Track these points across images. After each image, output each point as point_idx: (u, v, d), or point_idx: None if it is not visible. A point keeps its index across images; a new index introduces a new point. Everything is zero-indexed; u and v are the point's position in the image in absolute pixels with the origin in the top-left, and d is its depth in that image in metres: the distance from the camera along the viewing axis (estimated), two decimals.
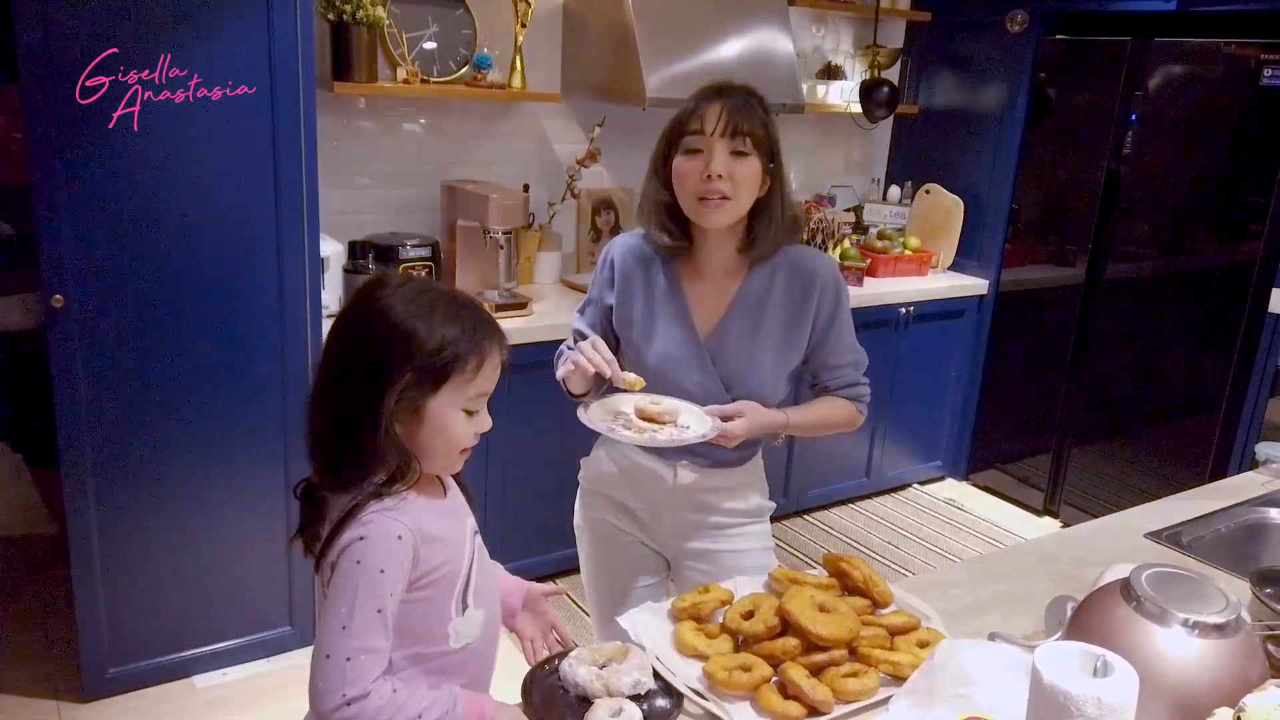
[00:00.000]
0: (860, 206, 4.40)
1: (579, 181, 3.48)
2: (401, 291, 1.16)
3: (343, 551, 1.12)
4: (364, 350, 1.14)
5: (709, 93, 1.64)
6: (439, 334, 1.14)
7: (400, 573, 1.14)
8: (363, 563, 1.11)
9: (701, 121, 1.61)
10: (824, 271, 1.73)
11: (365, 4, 2.85)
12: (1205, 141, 3.48)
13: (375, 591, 1.11)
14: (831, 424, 1.80)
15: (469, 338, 1.16)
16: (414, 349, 1.12)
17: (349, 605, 1.10)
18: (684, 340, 1.72)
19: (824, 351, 1.76)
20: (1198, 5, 3.39)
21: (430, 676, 1.22)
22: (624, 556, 1.86)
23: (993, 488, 4.30)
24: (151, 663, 2.62)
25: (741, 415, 1.64)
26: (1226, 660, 1.12)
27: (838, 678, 1.26)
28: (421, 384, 1.14)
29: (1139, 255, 3.73)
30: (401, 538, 1.14)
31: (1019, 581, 1.64)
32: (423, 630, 1.21)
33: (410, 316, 1.14)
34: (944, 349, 4.15)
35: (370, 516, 1.13)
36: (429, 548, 1.17)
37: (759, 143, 1.62)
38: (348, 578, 1.11)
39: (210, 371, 2.51)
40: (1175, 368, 3.64)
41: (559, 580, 3.29)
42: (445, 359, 1.14)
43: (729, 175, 1.61)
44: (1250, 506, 1.94)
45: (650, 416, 1.63)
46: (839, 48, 4.26)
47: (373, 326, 1.14)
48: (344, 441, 1.15)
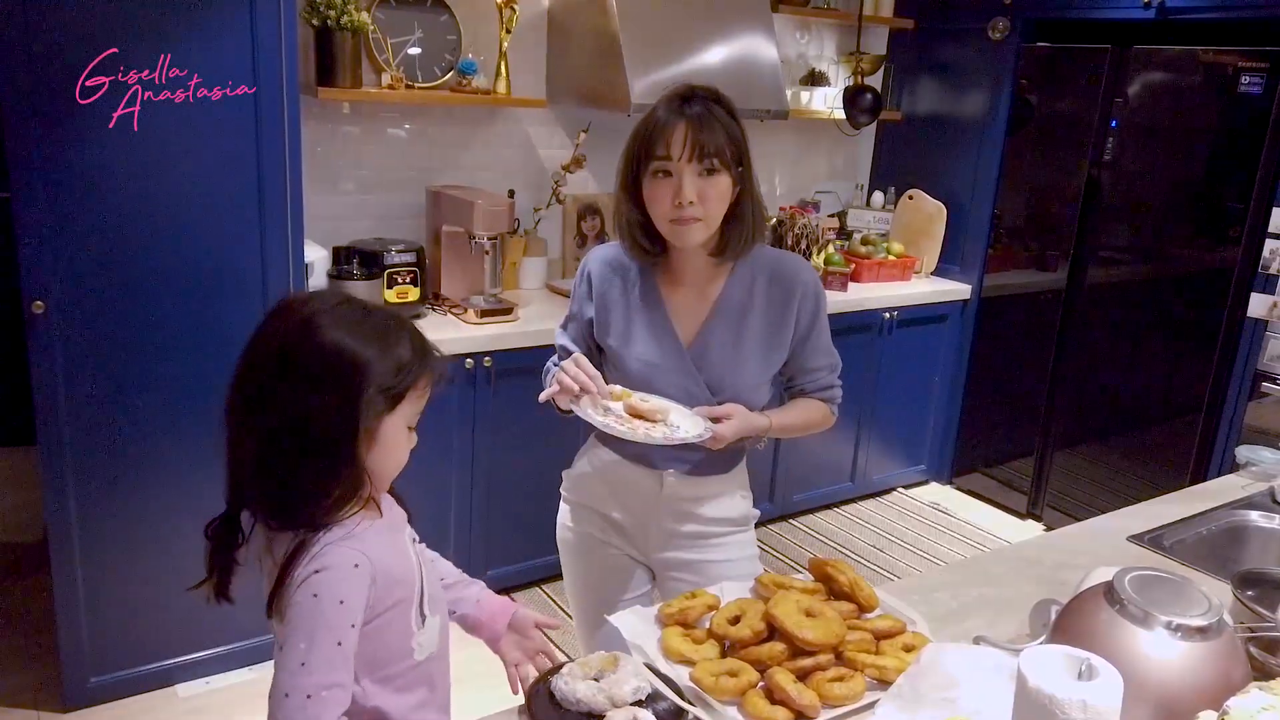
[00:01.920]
0: (844, 212, 4.42)
1: (564, 187, 3.48)
2: (343, 313, 1.14)
3: (299, 587, 1.09)
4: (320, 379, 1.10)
5: (674, 105, 1.61)
6: (395, 355, 1.14)
7: (360, 601, 1.12)
8: (320, 595, 1.09)
9: (667, 146, 1.59)
10: (804, 277, 1.74)
11: (350, 9, 2.85)
12: (1184, 147, 3.52)
13: (334, 624, 1.09)
14: (809, 426, 1.82)
15: (419, 357, 1.17)
16: (375, 372, 1.12)
17: (307, 640, 1.08)
18: (666, 347, 1.72)
19: (803, 355, 1.77)
20: (1177, 14, 3.43)
21: (399, 695, 1.22)
22: (608, 569, 1.84)
23: (976, 491, 4.32)
24: (133, 671, 2.60)
25: (730, 417, 1.64)
26: (1209, 662, 1.13)
27: (824, 682, 1.27)
28: (382, 406, 1.14)
29: (1120, 260, 3.77)
30: (358, 565, 1.12)
31: (1003, 585, 1.65)
32: (389, 651, 1.20)
33: (367, 339, 1.13)
34: (927, 354, 4.17)
35: (323, 550, 1.11)
36: (384, 572, 1.16)
37: (725, 157, 1.61)
38: (305, 612, 1.08)
39: (193, 377, 2.49)
40: (1156, 372, 3.67)
41: (544, 586, 3.29)
42: (404, 379, 1.15)
43: (699, 197, 1.60)
44: (1231, 509, 1.96)
45: (640, 414, 1.62)
46: (822, 54, 4.28)
47: (325, 354, 1.11)
48: (307, 472, 1.11)
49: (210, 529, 1.21)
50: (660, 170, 1.61)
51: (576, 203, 3.60)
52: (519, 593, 3.26)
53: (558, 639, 3.01)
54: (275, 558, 1.14)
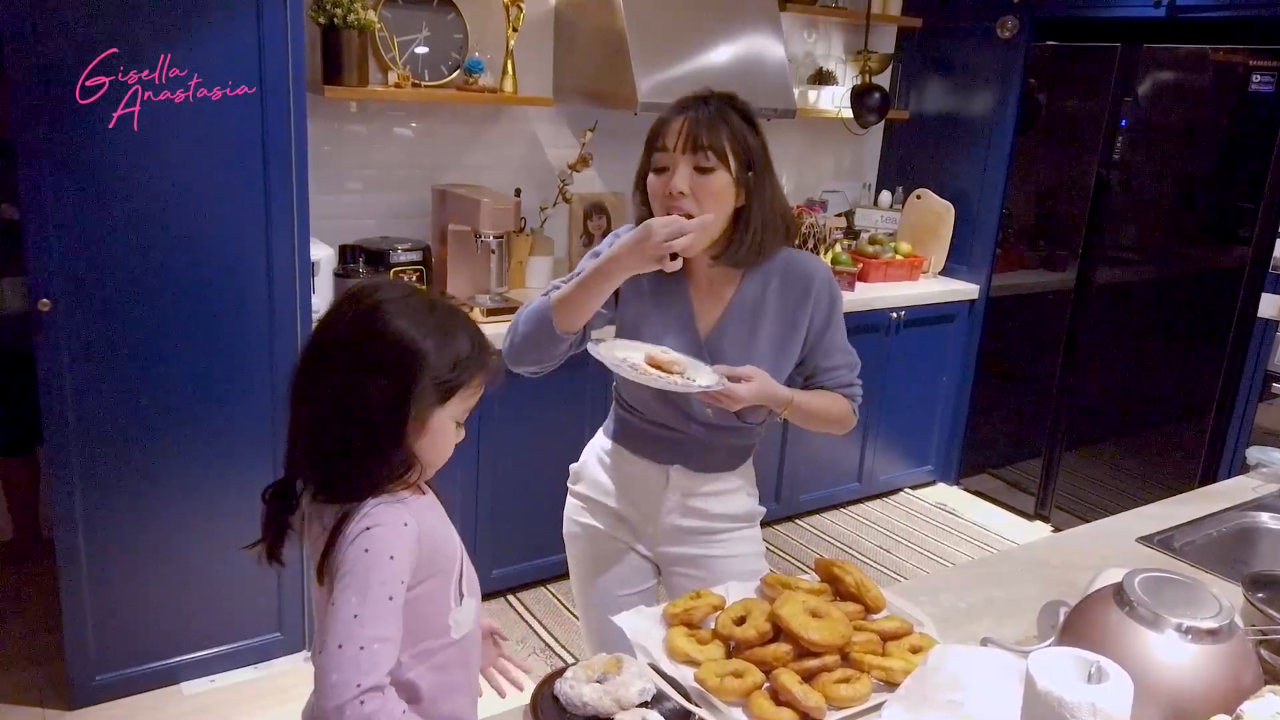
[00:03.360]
0: (851, 211, 4.41)
1: (571, 186, 3.47)
2: (410, 304, 1.18)
3: (350, 545, 1.13)
4: (381, 364, 1.15)
5: (679, 104, 1.63)
6: (454, 350, 1.18)
7: (408, 560, 1.15)
8: (371, 551, 1.12)
9: (664, 138, 1.61)
10: (819, 275, 1.73)
11: (356, 8, 2.85)
12: (1194, 146, 3.50)
13: (385, 578, 1.11)
14: (831, 416, 1.79)
15: (477, 355, 1.21)
16: (432, 364, 1.16)
17: (359, 594, 1.10)
18: (684, 342, 1.72)
19: (819, 354, 1.76)
20: (1187, 11, 3.41)
21: (434, 673, 1.24)
22: (614, 563, 1.84)
23: (984, 492, 4.30)
24: (139, 669, 2.60)
25: (751, 379, 1.61)
26: (1220, 665, 1.12)
27: (830, 684, 1.26)
28: (434, 397, 1.17)
29: (1129, 260, 3.75)
30: (407, 524, 1.16)
31: (1011, 586, 1.64)
32: (427, 625, 1.22)
33: (428, 332, 1.17)
34: (935, 354, 4.15)
35: (373, 509, 1.15)
36: (429, 535, 1.20)
37: (725, 155, 1.59)
38: (357, 567, 1.11)
39: (199, 375, 2.49)
40: (1165, 372, 3.65)
41: (550, 586, 3.29)
42: (459, 374, 1.19)
43: (692, 192, 1.59)
44: (1242, 511, 1.95)
45: (660, 365, 1.60)
46: (830, 53, 4.27)
47: (386, 340, 1.15)
48: (357, 451, 1.15)
49: (266, 494, 1.24)
50: (659, 165, 1.63)
51: (583, 202, 3.59)
52: (525, 592, 3.25)
53: (564, 638, 3.01)
54: (324, 523, 1.18)
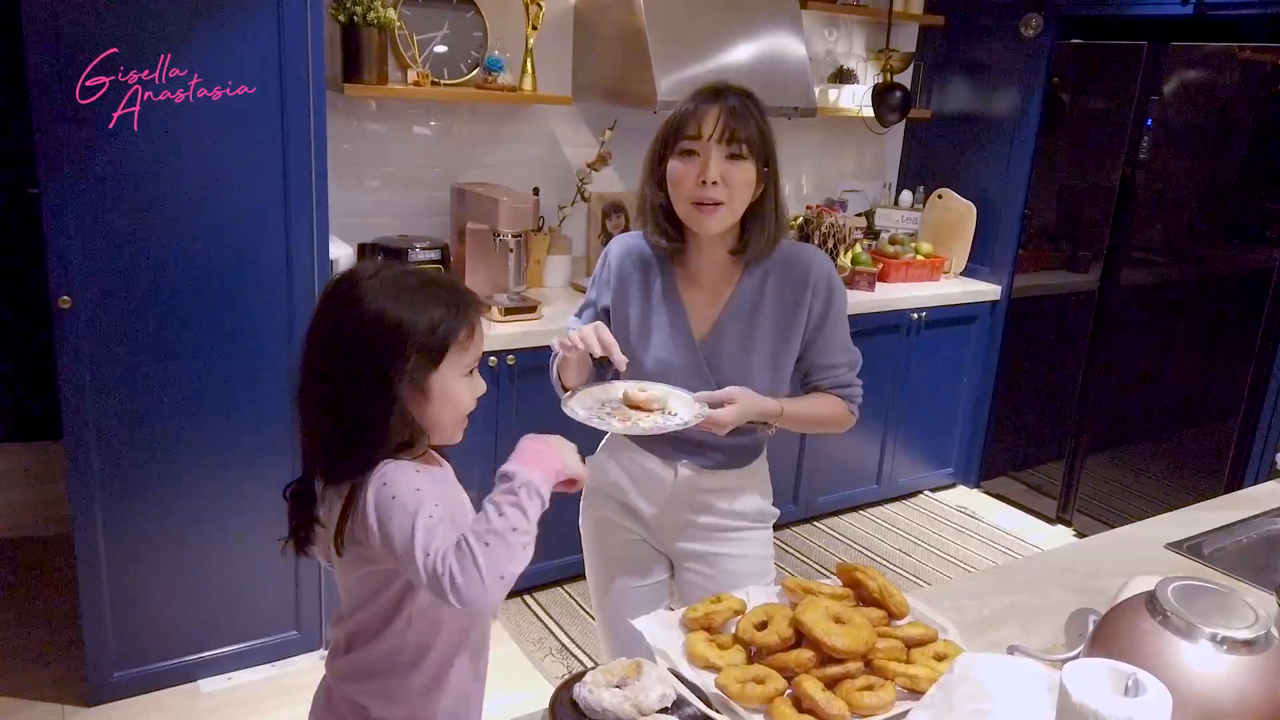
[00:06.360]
0: (872, 211, 4.37)
1: (589, 185, 3.46)
2: (378, 282, 1.20)
3: (372, 499, 1.14)
4: (360, 345, 1.17)
5: (707, 95, 1.63)
6: (428, 315, 1.19)
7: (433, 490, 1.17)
8: (398, 496, 1.14)
9: (699, 126, 1.60)
10: (817, 269, 1.71)
11: (376, 6, 2.84)
12: (1222, 146, 3.45)
13: (424, 499, 1.14)
14: (825, 421, 1.78)
15: (456, 311, 1.21)
16: (409, 334, 1.17)
17: (413, 512, 1.12)
18: (680, 346, 1.71)
19: (817, 349, 1.74)
20: (1215, 9, 3.35)
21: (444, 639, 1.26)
22: (627, 554, 1.85)
23: (1005, 495, 4.26)
24: (157, 667, 2.61)
25: (732, 402, 1.61)
26: (1256, 677, 1.09)
27: (853, 691, 1.23)
28: (423, 364, 1.19)
29: (1154, 261, 3.70)
30: (419, 472, 1.18)
31: (1036, 593, 1.61)
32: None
33: (398, 305, 1.18)
34: (956, 355, 4.12)
35: (383, 470, 1.17)
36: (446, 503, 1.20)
37: (754, 146, 1.61)
38: (393, 505, 1.13)
39: (218, 373, 2.49)
40: (1191, 375, 3.60)
41: (566, 586, 3.27)
42: (441, 336, 1.19)
43: (724, 180, 1.59)
44: (1271, 517, 1.91)
45: (637, 404, 1.61)
46: (851, 51, 4.24)
47: (362, 321, 1.17)
48: (353, 432, 1.17)
49: (288, 491, 1.27)
50: (687, 150, 1.61)
51: (602, 200, 3.58)
52: (541, 592, 3.24)
53: (581, 639, 3.00)
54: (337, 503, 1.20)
